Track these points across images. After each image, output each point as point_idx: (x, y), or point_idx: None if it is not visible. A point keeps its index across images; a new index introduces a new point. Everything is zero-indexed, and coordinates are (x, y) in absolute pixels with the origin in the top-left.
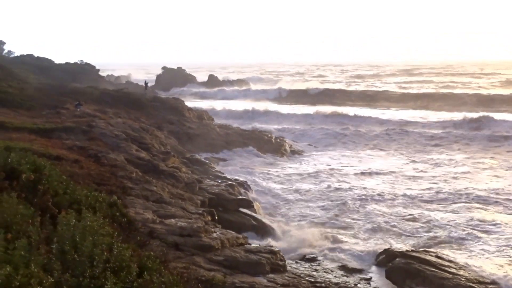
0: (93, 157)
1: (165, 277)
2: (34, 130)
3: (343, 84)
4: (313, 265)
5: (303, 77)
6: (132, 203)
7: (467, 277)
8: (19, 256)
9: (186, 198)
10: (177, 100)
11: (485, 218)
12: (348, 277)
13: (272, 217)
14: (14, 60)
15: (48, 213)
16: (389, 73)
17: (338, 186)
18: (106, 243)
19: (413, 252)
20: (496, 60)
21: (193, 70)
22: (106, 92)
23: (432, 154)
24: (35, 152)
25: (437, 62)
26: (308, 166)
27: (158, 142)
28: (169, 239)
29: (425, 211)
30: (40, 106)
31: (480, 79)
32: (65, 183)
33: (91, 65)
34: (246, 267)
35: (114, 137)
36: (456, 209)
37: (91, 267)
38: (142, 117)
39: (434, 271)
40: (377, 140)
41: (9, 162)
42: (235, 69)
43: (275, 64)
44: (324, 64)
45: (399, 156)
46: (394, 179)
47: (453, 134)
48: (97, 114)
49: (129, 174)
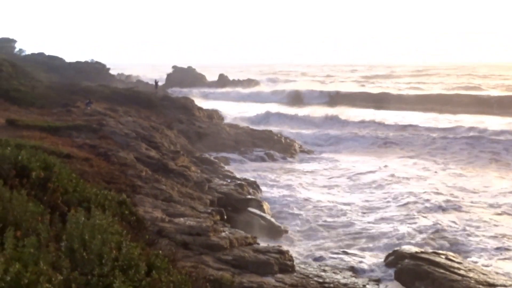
0: (103, 155)
1: (174, 276)
2: (45, 128)
3: (358, 85)
4: (321, 265)
5: (315, 77)
6: (141, 202)
7: (477, 279)
8: (28, 253)
9: (195, 197)
10: (187, 99)
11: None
12: (356, 278)
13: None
14: (26, 58)
15: (57, 211)
16: (401, 73)
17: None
18: (115, 242)
19: (422, 254)
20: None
21: (203, 69)
22: (116, 91)
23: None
24: (45, 150)
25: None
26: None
27: (168, 141)
28: (177, 238)
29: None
30: (51, 105)
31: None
32: (74, 181)
33: (101, 64)
34: (254, 267)
35: (124, 136)
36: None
37: (99, 265)
38: (152, 116)
39: (444, 273)
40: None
41: (20, 159)
42: (244, 68)
43: (283, 64)
44: (334, 64)
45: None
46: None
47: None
48: (108, 113)
49: (138, 173)
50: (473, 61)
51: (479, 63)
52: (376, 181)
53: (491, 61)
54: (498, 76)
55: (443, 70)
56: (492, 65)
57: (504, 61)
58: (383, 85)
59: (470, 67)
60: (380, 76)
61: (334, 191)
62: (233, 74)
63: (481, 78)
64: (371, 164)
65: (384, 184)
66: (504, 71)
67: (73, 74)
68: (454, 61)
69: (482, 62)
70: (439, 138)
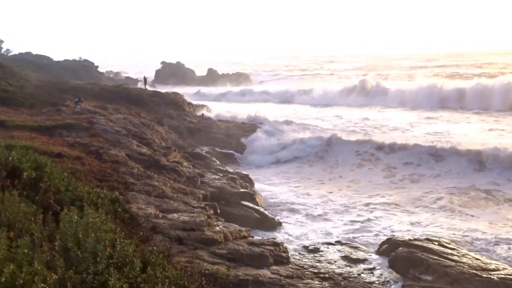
0: (94, 153)
1: (169, 272)
2: (35, 128)
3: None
4: (316, 256)
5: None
6: (134, 199)
7: (470, 265)
8: (22, 254)
9: (188, 193)
10: (176, 95)
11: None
12: (351, 267)
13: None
14: (13, 58)
15: (50, 211)
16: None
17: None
18: (109, 239)
19: (415, 241)
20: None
21: (191, 65)
22: (105, 89)
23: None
24: (36, 150)
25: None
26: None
27: (159, 137)
28: (172, 233)
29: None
30: (41, 104)
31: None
32: (66, 180)
33: (90, 61)
34: (249, 259)
35: (115, 133)
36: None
37: (94, 263)
38: (142, 113)
39: (437, 259)
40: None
41: (10, 160)
42: (234, 63)
43: (272, 58)
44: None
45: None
46: None
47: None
48: (97, 111)
49: (130, 170)
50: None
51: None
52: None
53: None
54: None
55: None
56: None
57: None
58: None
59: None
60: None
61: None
62: (222, 68)
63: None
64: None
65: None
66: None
67: (62, 73)
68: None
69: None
70: None
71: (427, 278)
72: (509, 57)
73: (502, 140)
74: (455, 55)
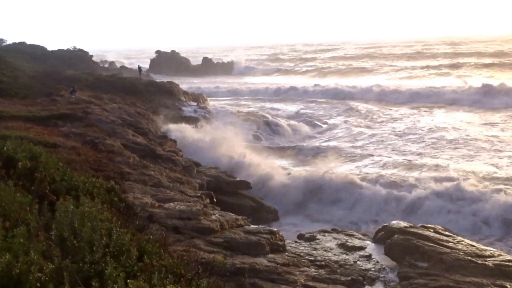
0: (90, 143)
1: (165, 260)
2: (30, 118)
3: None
4: (312, 243)
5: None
6: (130, 188)
7: (465, 251)
8: (19, 243)
9: (184, 182)
10: (172, 84)
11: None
12: (347, 255)
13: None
14: (7, 48)
15: (46, 201)
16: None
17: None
18: (105, 229)
19: (411, 228)
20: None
21: (187, 54)
22: (100, 78)
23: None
24: (31, 140)
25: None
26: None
27: (154, 126)
28: (168, 222)
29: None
30: (35, 94)
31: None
32: (62, 170)
33: (84, 51)
34: (246, 248)
35: (110, 123)
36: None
37: (90, 252)
38: (138, 102)
39: (433, 246)
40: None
41: (5, 150)
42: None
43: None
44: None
45: None
46: None
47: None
48: (92, 100)
49: (126, 160)
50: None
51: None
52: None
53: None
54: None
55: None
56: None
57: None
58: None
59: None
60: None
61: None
62: (217, 56)
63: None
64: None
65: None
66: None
67: (56, 63)
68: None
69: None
70: None
71: (423, 265)
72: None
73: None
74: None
